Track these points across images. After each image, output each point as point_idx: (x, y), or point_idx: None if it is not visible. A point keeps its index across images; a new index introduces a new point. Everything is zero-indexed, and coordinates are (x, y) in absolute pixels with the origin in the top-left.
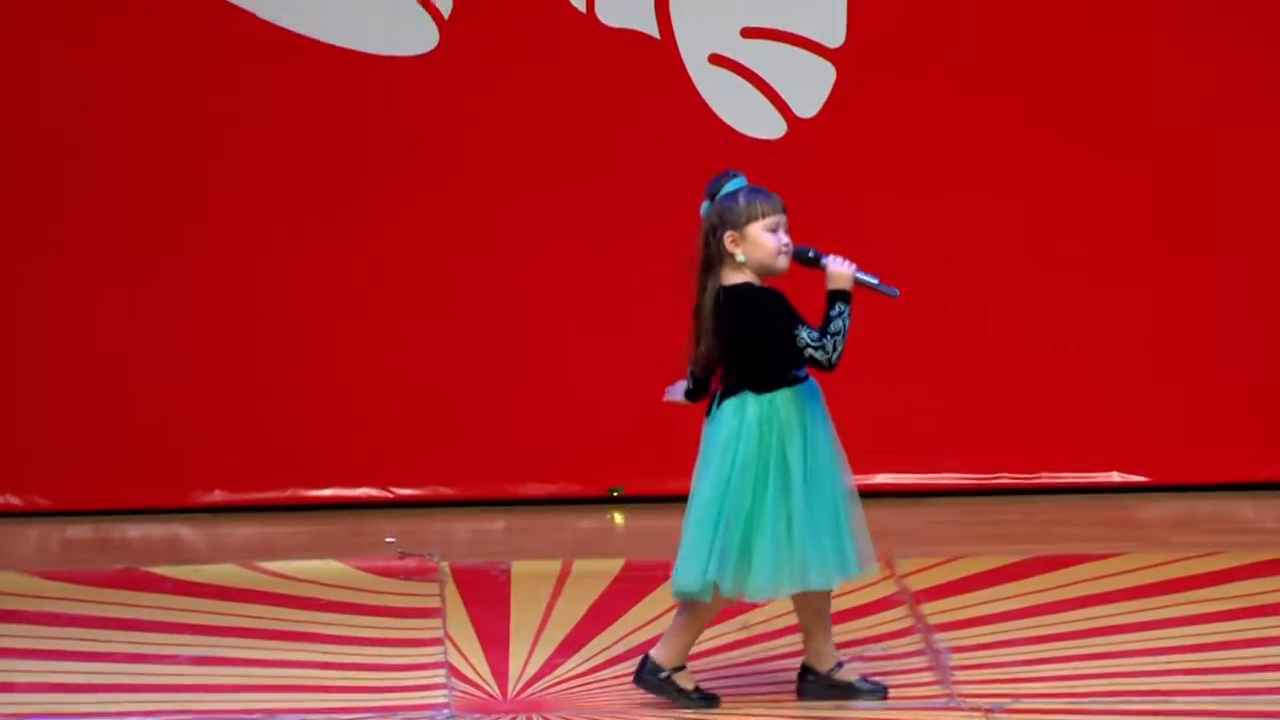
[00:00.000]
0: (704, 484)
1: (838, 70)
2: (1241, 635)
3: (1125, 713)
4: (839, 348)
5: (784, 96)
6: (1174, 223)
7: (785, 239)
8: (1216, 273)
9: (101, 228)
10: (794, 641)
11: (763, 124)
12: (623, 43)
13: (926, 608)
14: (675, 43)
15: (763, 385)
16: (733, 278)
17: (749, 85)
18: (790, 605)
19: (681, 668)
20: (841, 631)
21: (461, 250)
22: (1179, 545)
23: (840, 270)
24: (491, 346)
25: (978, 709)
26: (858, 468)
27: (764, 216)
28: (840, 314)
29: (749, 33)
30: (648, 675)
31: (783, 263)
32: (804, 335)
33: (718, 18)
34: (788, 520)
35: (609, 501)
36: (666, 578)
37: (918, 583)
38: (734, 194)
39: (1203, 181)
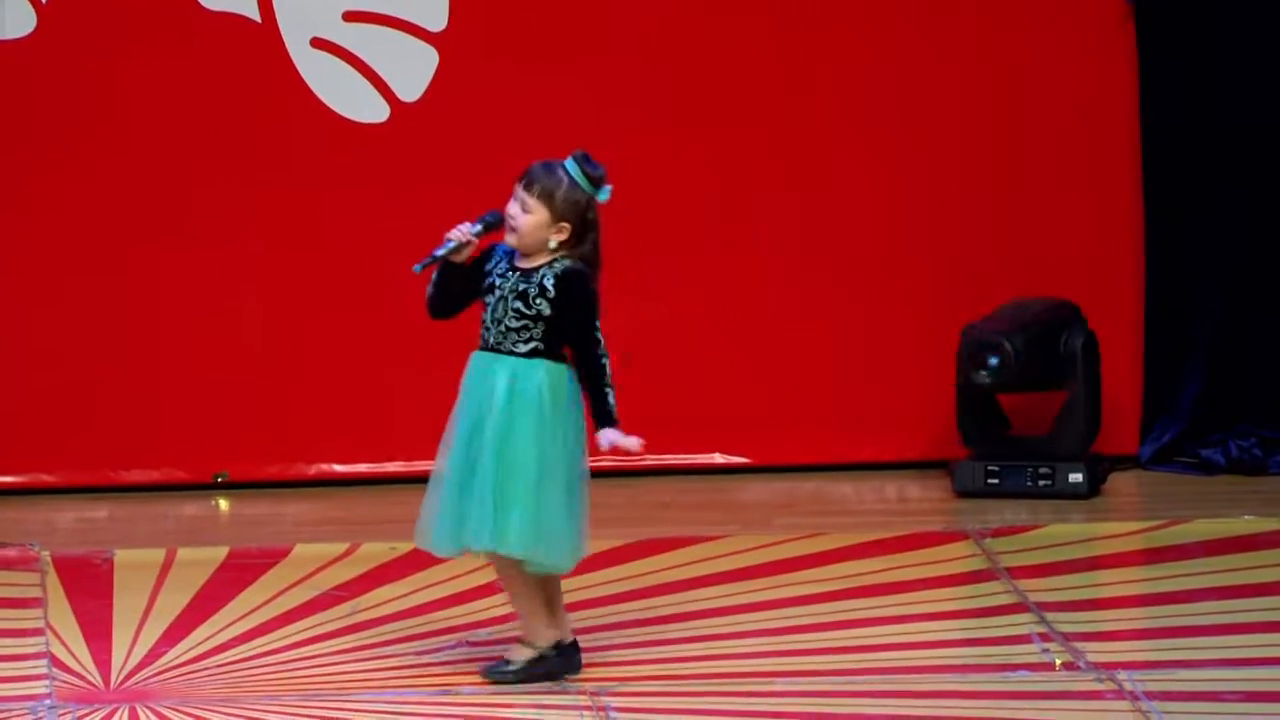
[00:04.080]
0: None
1: (440, 54)
2: (845, 616)
3: (729, 694)
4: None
5: (387, 80)
6: (773, 204)
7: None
8: (814, 257)
9: None
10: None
11: (366, 108)
12: (224, 26)
13: None
14: (277, 26)
15: None
16: None
17: (351, 69)
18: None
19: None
20: (447, 618)
21: (66, 236)
22: (782, 527)
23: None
24: (94, 330)
25: (583, 691)
26: None
27: None
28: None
29: (351, 16)
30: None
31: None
32: None
33: (319, 1)
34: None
35: (213, 488)
36: (270, 565)
37: None
38: None
39: (787, 170)
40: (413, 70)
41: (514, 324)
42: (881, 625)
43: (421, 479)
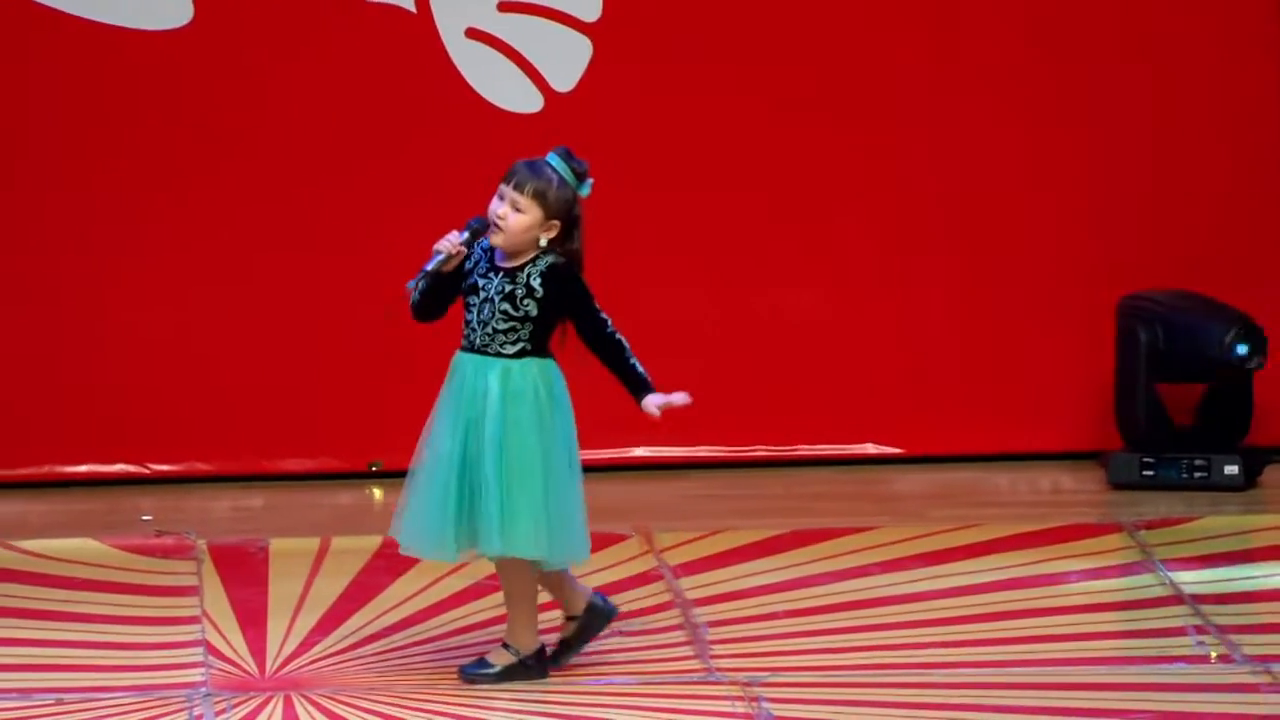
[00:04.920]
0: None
1: (594, 44)
2: (997, 608)
3: (882, 685)
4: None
5: (541, 71)
6: (926, 198)
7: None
8: (968, 249)
9: None
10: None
11: (520, 98)
12: (379, 17)
13: (684, 582)
14: (432, 17)
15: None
16: None
17: (506, 59)
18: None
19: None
20: None
21: (218, 227)
22: (935, 518)
23: None
24: (249, 320)
25: (735, 683)
26: (614, 441)
27: None
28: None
29: (506, 6)
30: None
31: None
32: None
33: None
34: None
35: (368, 476)
36: None
37: (675, 557)
38: None
39: (943, 163)
40: (567, 61)
41: (501, 326)
42: (1035, 617)
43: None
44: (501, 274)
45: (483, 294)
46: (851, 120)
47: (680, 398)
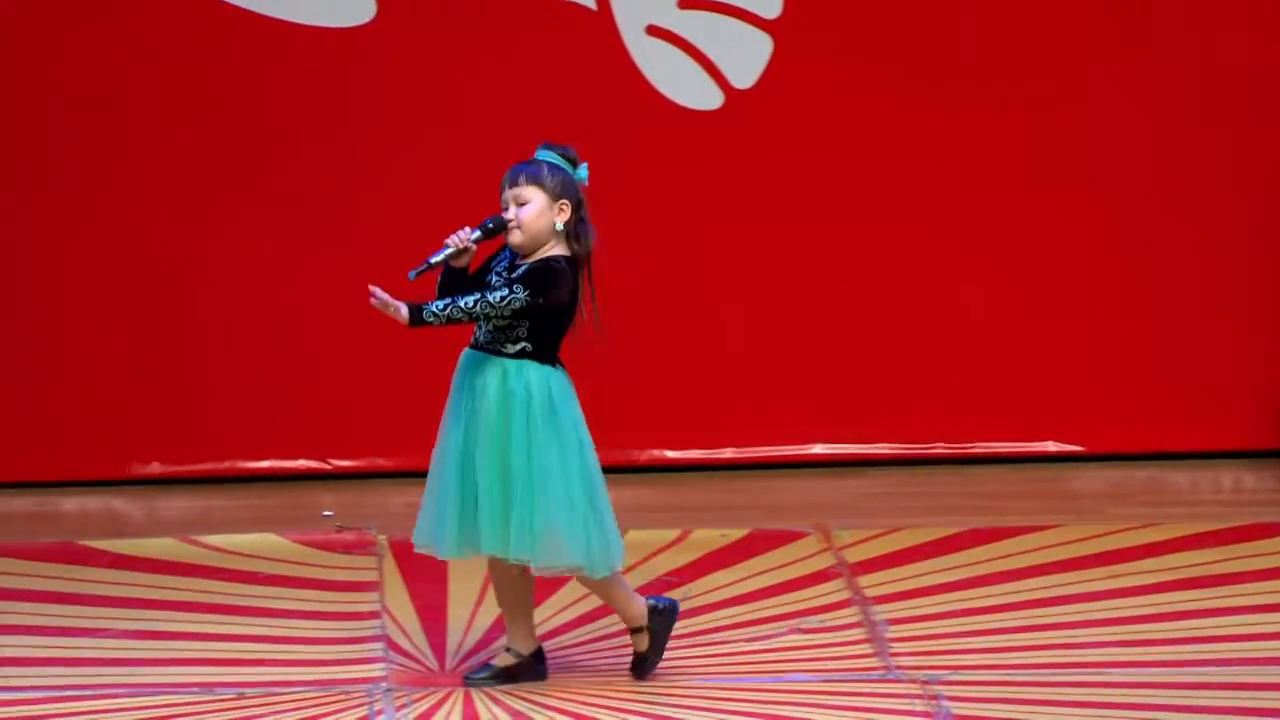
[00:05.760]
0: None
1: (775, 41)
2: (1178, 607)
3: (1061, 684)
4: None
5: (721, 68)
6: (1107, 195)
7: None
8: (1150, 245)
9: (42, 201)
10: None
11: (700, 95)
12: (560, 14)
13: (864, 580)
14: (612, 14)
15: None
16: None
17: (686, 56)
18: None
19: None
20: (780, 604)
21: (400, 221)
22: (1115, 517)
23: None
24: None
25: (915, 680)
26: (793, 437)
27: None
28: None
29: (686, 4)
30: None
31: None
32: None
33: None
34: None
35: None
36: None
37: (855, 555)
38: None
39: (1134, 156)
40: (747, 57)
41: (501, 323)
42: (1216, 617)
43: (755, 466)
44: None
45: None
46: (1030, 115)
47: (389, 300)
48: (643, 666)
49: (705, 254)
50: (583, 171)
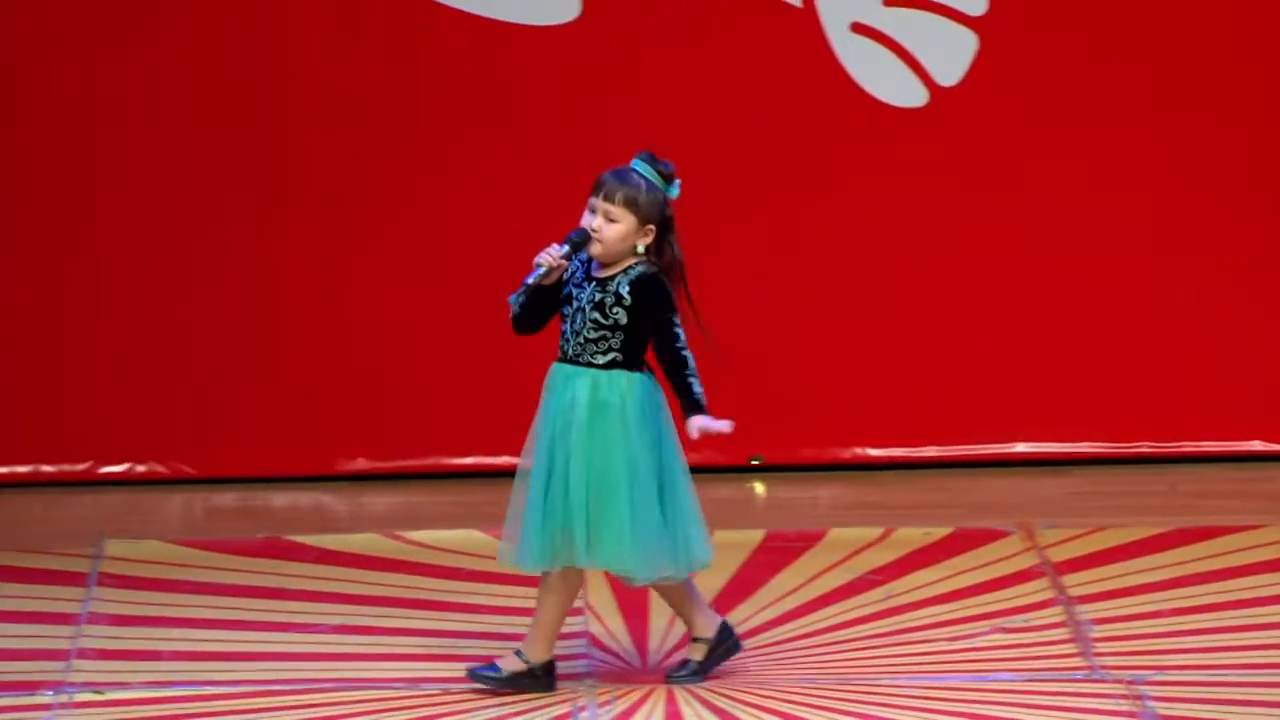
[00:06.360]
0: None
1: (980, 38)
2: None
3: (1268, 685)
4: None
5: (925, 65)
6: None
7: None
8: None
9: (221, 199)
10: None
11: (904, 93)
12: (764, 11)
13: (1068, 579)
14: (816, 11)
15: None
16: None
17: (890, 54)
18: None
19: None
20: (983, 603)
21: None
22: None
23: None
24: None
25: (1120, 680)
26: (996, 436)
27: None
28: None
29: (892, 1)
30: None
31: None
32: None
33: None
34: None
35: (749, 470)
36: (806, 548)
37: (1059, 554)
38: None
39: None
40: (952, 55)
41: (592, 335)
42: None
43: (958, 464)
44: (594, 283)
45: (575, 304)
46: (1249, 115)
47: (724, 425)
48: (683, 670)
49: (910, 250)
50: (675, 189)
